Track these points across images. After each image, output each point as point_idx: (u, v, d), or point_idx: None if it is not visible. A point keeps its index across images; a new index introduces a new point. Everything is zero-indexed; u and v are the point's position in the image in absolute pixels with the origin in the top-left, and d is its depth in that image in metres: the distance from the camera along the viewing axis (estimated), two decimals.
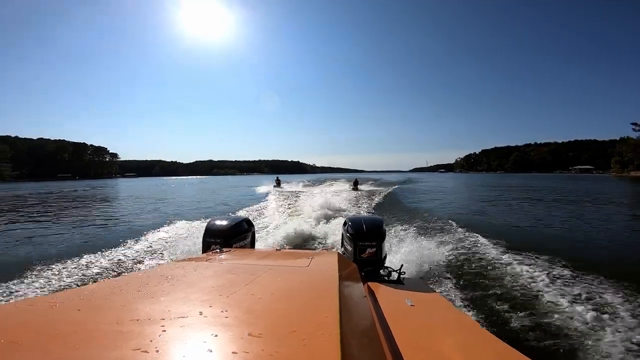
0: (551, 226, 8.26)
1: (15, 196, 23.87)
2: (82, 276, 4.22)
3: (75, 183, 60.78)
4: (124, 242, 6.15)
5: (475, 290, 3.71)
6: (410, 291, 1.63)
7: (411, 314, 1.29)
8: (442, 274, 4.19)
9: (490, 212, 11.30)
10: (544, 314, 3.02)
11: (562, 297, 3.32)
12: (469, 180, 48.66)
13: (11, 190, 34.08)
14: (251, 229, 2.90)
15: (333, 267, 1.26)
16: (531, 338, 2.69)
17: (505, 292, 3.58)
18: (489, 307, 3.28)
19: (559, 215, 10.32)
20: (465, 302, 3.38)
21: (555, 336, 2.67)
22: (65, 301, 0.76)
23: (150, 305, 0.74)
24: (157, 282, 0.98)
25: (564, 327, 2.79)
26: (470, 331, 1.08)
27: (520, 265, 4.29)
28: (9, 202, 18.90)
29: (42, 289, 3.77)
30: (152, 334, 0.57)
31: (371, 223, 2.61)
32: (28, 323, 0.63)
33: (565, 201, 14.89)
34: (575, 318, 2.88)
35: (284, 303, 0.85)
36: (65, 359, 0.49)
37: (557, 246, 5.74)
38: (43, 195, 24.48)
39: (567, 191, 21.68)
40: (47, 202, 17.82)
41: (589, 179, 43.95)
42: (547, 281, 3.72)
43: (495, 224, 8.59)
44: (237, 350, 0.51)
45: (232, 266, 1.35)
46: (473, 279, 4.02)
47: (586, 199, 15.95)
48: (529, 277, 3.89)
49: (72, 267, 4.53)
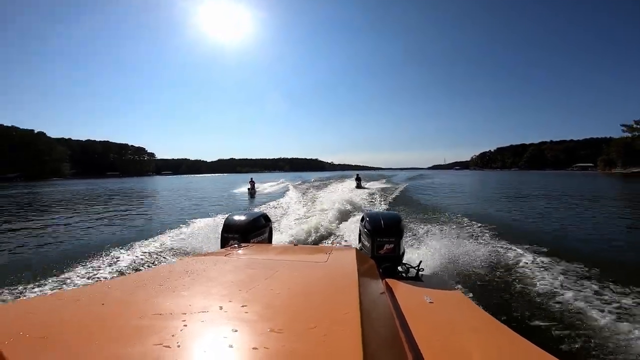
0: (565, 227, 7.91)
1: (89, 190, 27.45)
2: (109, 270, 4.44)
3: (124, 180, 65.68)
4: (149, 236, 6.45)
5: (497, 289, 3.63)
6: (429, 288, 1.58)
7: (430, 311, 1.26)
8: (462, 272, 4.01)
9: (502, 208, 11.55)
10: (570, 318, 2.88)
11: (587, 302, 3.16)
12: (481, 177, 50.63)
13: (74, 185, 39.39)
14: (268, 224, 2.96)
15: (352, 262, 1.25)
16: (556, 340, 2.55)
17: (529, 293, 3.48)
18: (511, 307, 3.17)
19: (560, 213, 10.33)
20: (486, 301, 3.23)
21: (583, 340, 2.54)
22: (90, 295, 0.79)
23: (171, 300, 0.75)
24: (178, 276, 1.00)
25: (590, 331, 2.65)
26: (494, 330, 1.03)
27: (541, 266, 4.24)
28: (86, 196, 21.28)
29: (87, 277, 4.08)
30: (173, 328, 0.57)
31: (389, 219, 2.59)
32: (55, 317, 0.65)
33: (535, 196, 15.96)
34: (607, 326, 2.69)
35: (303, 298, 0.85)
36: (89, 355, 0.49)
37: (575, 246, 5.80)
38: (112, 191, 27.13)
39: (540, 186, 23.40)
40: (114, 197, 19.90)
41: (577, 176, 48.19)
42: (572, 284, 3.61)
43: (508, 220, 8.70)
44: (258, 346, 0.51)
45: (250, 261, 1.36)
46: (494, 278, 3.93)
47: (539, 191, 18.27)
48: (553, 278, 3.80)
49: (104, 260, 4.81)
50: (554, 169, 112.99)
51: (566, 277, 3.83)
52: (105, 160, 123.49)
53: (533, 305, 3.18)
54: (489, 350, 0.89)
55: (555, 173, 71.49)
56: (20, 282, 3.83)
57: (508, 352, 0.89)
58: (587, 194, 17.37)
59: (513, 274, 4.06)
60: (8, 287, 3.68)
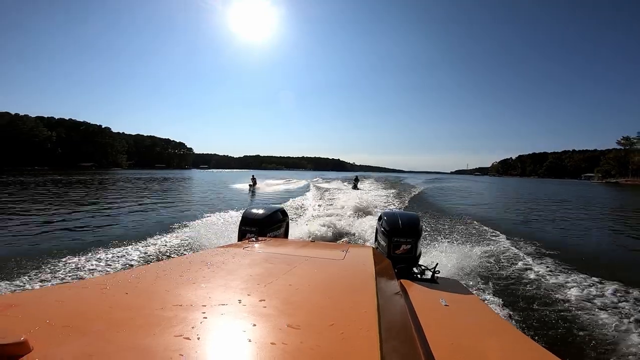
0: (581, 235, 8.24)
1: (151, 179, 31.40)
2: (138, 257, 4.73)
3: (173, 172, 71.33)
4: (172, 226, 6.92)
5: (513, 295, 3.62)
6: (444, 291, 1.58)
7: (446, 314, 1.26)
8: (480, 277, 4.02)
9: (519, 214, 11.82)
10: (595, 331, 2.85)
11: (606, 311, 3.16)
12: (492, 183, 55.19)
13: (137, 174, 44.83)
14: (286, 219, 2.96)
15: (369, 261, 1.25)
16: (577, 354, 2.54)
17: (545, 300, 3.47)
18: (527, 313, 3.16)
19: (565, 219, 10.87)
20: (502, 307, 3.23)
21: (598, 351, 2.53)
22: (115, 284, 0.80)
23: (192, 291, 0.76)
24: (198, 267, 1.01)
25: (616, 346, 2.61)
26: (509, 335, 1.04)
27: (560, 275, 4.25)
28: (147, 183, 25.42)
29: (112, 264, 4.38)
30: (194, 320, 0.58)
31: (407, 219, 2.58)
32: (80, 306, 0.67)
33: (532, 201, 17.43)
34: (623, 337, 2.70)
35: (321, 295, 0.85)
36: (113, 345, 0.49)
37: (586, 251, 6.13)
38: (170, 179, 31.77)
39: (531, 192, 25.87)
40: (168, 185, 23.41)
41: (573, 184, 54.49)
42: (597, 295, 3.59)
43: (524, 228, 8.88)
44: (276, 342, 0.51)
45: (268, 255, 1.36)
46: (511, 284, 3.95)
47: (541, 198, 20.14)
48: (577, 289, 3.76)
49: (134, 248, 5.13)
50: (572, 178, 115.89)
51: (593, 287, 3.76)
52: (152, 153, 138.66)
53: (554, 315, 3.14)
54: (504, 355, 0.90)
55: (561, 181, 76.53)
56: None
57: (523, 357, 0.90)
58: (585, 200, 19.92)
59: (534, 282, 4.04)
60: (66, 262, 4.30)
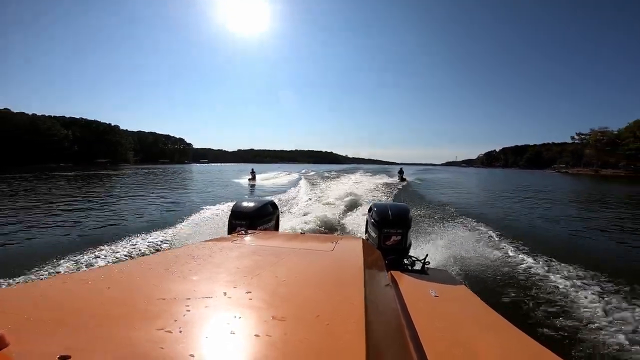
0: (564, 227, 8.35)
1: (161, 171, 34.37)
2: (129, 253, 4.72)
3: (176, 166, 73.01)
4: (163, 221, 6.98)
5: (503, 286, 3.70)
6: (434, 282, 1.59)
7: (435, 304, 1.28)
8: (469, 267, 4.08)
9: (515, 208, 11.80)
10: (576, 318, 2.96)
11: (594, 302, 3.23)
12: (475, 173, 59.06)
13: (146, 169, 46.45)
14: (276, 211, 2.95)
15: (358, 253, 1.25)
16: (560, 339, 2.62)
17: (534, 291, 3.56)
18: (517, 304, 3.25)
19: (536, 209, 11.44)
20: (492, 298, 3.27)
21: (588, 340, 2.60)
22: (96, 278, 0.78)
23: (176, 285, 0.76)
24: (185, 261, 1.00)
25: (596, 331, 2.71)
26: (497, 325, 1.05)
27: (549, 267, 4.31)
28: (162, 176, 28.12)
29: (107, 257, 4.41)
30: (177, 313, 0.57)
31: (397, 210, 2.59)
32: (61, 301, 0.65)
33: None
34: (613, 327, 2.77)
35: (308, 287, 0.85)
36: (92, 339, 0.48)
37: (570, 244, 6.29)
38: (178, 172, 35.21)
39: (502, 180, 29.96)
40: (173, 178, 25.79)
41: (538, 175, 61.24)
42: (581, 284, 3.68)
43: (517, 222, 8.85)
44: (260, 333, 0.50)
45: (257, 248, 1.35)
46: (501, 276, 4.03)
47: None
48: (561, 278, 3.86)
49: (126, 243, 5.15)
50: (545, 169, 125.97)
51: (576, 278, 3.86)
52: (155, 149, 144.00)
53: (538, 304, 3.24)
54: (492, 345, 0.91)
55: (531, 172, 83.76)
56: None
57: (510, 347, 0.92)
58: (548, 189, 21.85)
59: (520, 272, 4.15)
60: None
